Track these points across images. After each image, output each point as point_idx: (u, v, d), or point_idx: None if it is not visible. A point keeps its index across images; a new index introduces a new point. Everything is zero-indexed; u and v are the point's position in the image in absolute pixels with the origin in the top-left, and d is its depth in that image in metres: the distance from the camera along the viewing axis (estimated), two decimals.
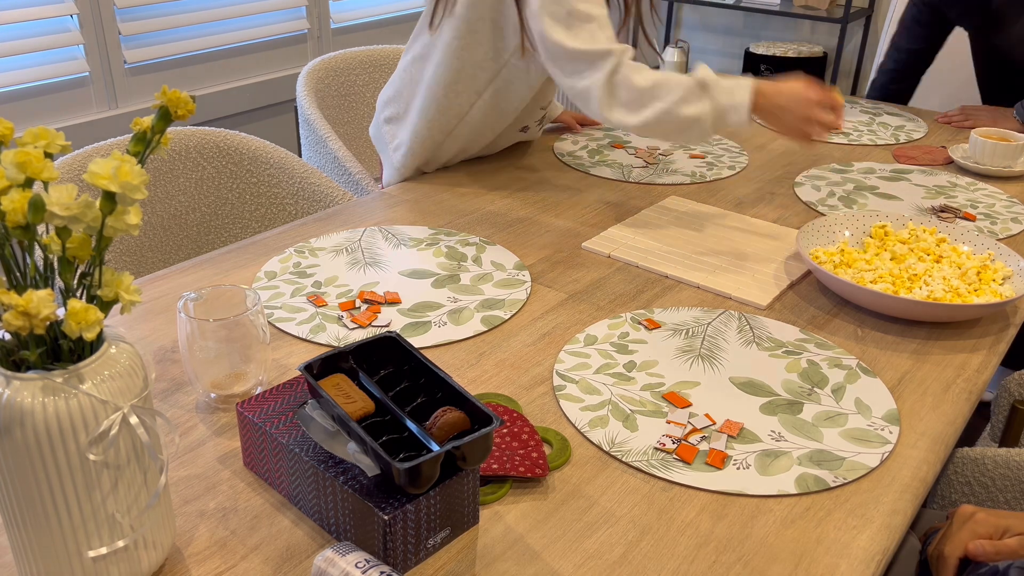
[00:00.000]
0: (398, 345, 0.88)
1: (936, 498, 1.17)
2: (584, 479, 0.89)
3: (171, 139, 1.57)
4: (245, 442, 0.88)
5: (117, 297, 0.68)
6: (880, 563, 0.80)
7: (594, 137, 1.89)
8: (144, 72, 2.52)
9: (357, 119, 2.16)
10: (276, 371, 1.05)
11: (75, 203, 0.63)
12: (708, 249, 1.38)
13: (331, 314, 1.17)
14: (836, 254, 1.31)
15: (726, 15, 3.91)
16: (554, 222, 1.48)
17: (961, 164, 1.76)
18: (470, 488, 0.80)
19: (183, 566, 0.77)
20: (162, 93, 0.72)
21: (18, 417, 0.64)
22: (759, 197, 1.61)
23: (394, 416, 0.81)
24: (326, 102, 2.03)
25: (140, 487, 0.71)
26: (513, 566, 0.78)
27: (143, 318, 1.16)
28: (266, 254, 1.34)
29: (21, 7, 2.21)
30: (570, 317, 1.18)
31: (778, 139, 1.92)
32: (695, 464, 0.91)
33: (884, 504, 0.87)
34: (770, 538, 0.82)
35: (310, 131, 1.91)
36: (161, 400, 0.99)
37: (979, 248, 1.32)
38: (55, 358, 0.67)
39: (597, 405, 1.00)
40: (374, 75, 2.16)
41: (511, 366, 1.07)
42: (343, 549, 0.72)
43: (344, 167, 1.83)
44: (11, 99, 2.26)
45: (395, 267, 1.30)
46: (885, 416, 0.99)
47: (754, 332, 1.15)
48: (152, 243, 1.61)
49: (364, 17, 3.10)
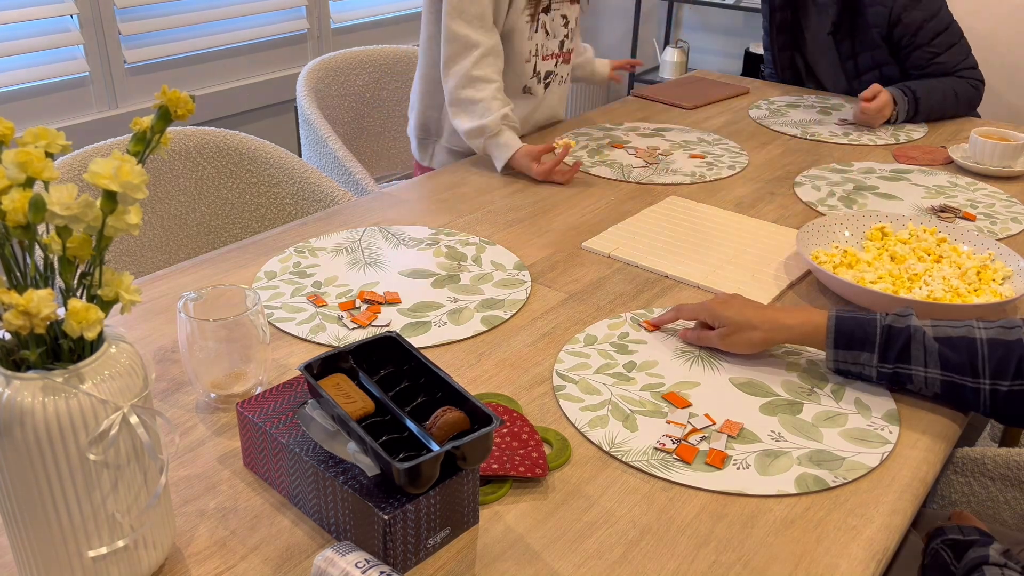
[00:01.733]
0: (398, 345, 0.88)
1: (936, 498, 1.17)
2: (584, 479, 0.89)
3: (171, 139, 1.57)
4: (245, 442, 0.88)
5: (117, 297, 0.68)
6: (880, 563, 0.80)
7: (594, 137, 1.89)
8: (144, 72, 2.52)
9: (357, 119, 2.16)
10: (276, 371, 1.05)
11: (75, 203, 0.63)
12: (708, 249, 1.38)
13: (331, 314, 1.17)
14: (836, 255, 1.31)
15: (726, 15, 3.91)
16: (554, 222, 1.48)
17: (961, 164, 1.76)
18: (470, 488, 0.80)
19: (183, 566, 0.77)
20: (162, 93, 0.72)
21: (18, 417, 0.64)
22: (759, 197, 1.61)
23: (394, 416, 0.81)
24: (326, 102, 2.03)
25: (140, 487, 0.71)
26: (513, 566, 0.78)
27: (143, 318, 1.16)
28: (266, 254, 1.34)
29: (21, 7, 2.21)
30: (570, 317, 1.18)
31: (778, 139, 1.93)
32: (695, 464, 0.91)
33: (884, 504, 0.87)
34: (770, 538, 0.82)
35: (310, 131, 1.91)
36: (161, 400, 0.99)
37: (979, 248, 1.32)
38: (55, 358, 0.67)
39: (597, 405, 1.00)
40: (374, 75, 2.16)
41: (511, 366, 1.07)
42: (343, 549, 0.72)
43: (344, 167, 1.83)
44: (11, 99, 2.26)
45: (395, 267, 1.30)
46: (885, 416, 0.99)
47: None
48: (152, 243, 1.61)
49: (364, 17, 3.10)
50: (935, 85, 2.05)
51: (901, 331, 0.98)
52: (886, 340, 0.99)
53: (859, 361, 1.01)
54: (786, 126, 2.01)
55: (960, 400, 0.98)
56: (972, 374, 0.96)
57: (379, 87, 2.18)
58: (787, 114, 2.10)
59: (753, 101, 2.21)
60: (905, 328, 0.98)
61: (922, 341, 0.97)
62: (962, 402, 0.98)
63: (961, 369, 0.96)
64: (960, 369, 0.96)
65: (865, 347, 1.00)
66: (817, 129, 2.00)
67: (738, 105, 2.18)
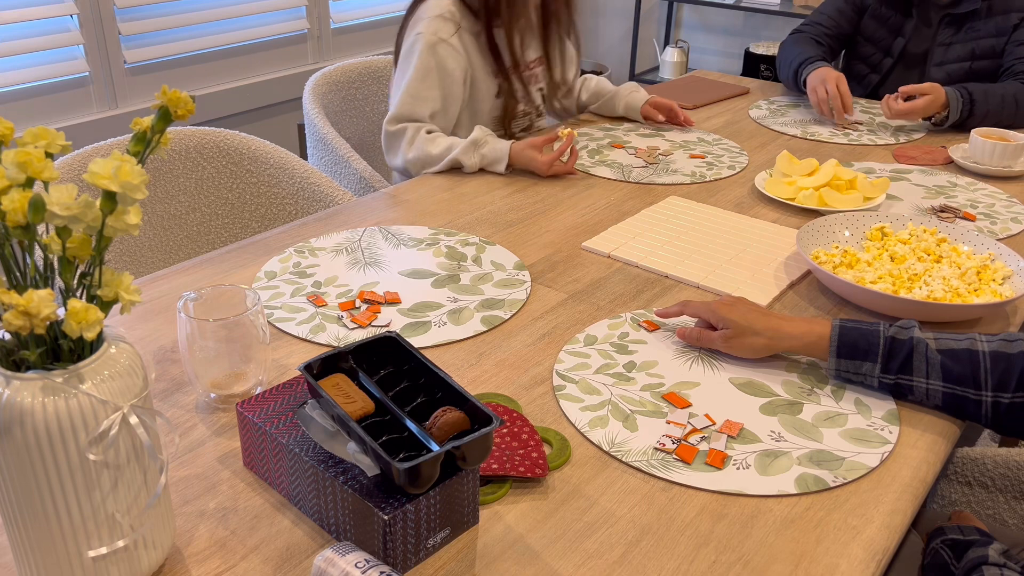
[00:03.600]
0: (398, 345, 0.88)
1: (936, 498, 1.17)
2: (584, 479, 0.89)
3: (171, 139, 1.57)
4: (245, 442, 0.88)
5: (117, 297, 0.68)
6: (880, 563, 0.80)
7: (594, 137, 1.89)
8: (144, 72, 2.52)
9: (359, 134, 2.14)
10: (276, 371, 1.05)
11: (75, 203, 0.63)
12: (708, 249, 1.38)
13: (331, 314, 1.17)
14: (836, 255, 1.31)
15: (726, 15, 3.91)
16: (554, 222, 1.48)
17: (961, 164, 1.76)
18: (470, 488, 0.80)
19: (183, 566, 0.77)
20: (162, 93, 0.72)
21: (18, 417, 0.64)
22: (759, 197, 1.61)
23: (394, 416, 0.81)
24: (329, 109, 2.03)
25: (140, 487, 0.71)
26: (513, 566, 0.78)
27: (143, 318, 1.16)
28: (266, 254, 1.34)
29: (21, 7, 2.21)
30: (570, 317, 1.18)
31: (778, 139, 1.93)
32: (695, 464, 0.91)
33: (884, 504, 0.87)
34: (770, 538, 0.82)
35: (316, 135, 1.90)
36: (161, 400, 0.99)
37: (979, 248, 1.32)
38: (55, 358, 0.67)
39: (597, 405, 1.00)
40: (372, 88, 2.14)
41: (511, 366, 1.07)
42: (343, 549, 0.72)
43: (352, 167, 1.83)
44: (11, 99, 2.26)
45: (395, 267, 1.30)
46: (885, 416, 0.99)
47: None
48: (152, 243, 1.61)
49: (364, 17, 3.10)
50: (994, 89, 1.95)
51: (904, 343, 0.98)
52: (888, 351, 0.99)
53: (861, 371, 1.01)
54: (786, 126, 2.01)
55: (961, 411, 0.98)
56: (974, 386, 0.96)
57: (379, 98, 2.16)
58: (787, 114, 2.10)
59: (753, 101, 2.21)
60: (908, 340, 0.98)
61: (924, 353, 0.97)
62: (963, 413, 0.98)
63: (963, 381, 0.96)
64: (962, 381, 0.96)
65: (868, 357, 1.00)
66: (817, 129, 2.00)
67: (738, 105, 2.18)
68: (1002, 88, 1.95)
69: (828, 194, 1.54)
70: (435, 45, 1.68)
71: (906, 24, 2.15)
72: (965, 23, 2.06)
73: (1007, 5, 2.02)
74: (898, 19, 2.17)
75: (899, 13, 2.16)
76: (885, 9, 2.18)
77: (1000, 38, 2.03)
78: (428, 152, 1.67)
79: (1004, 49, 2.03)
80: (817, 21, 2.26)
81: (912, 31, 2.14)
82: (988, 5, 2.04)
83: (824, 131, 1.98)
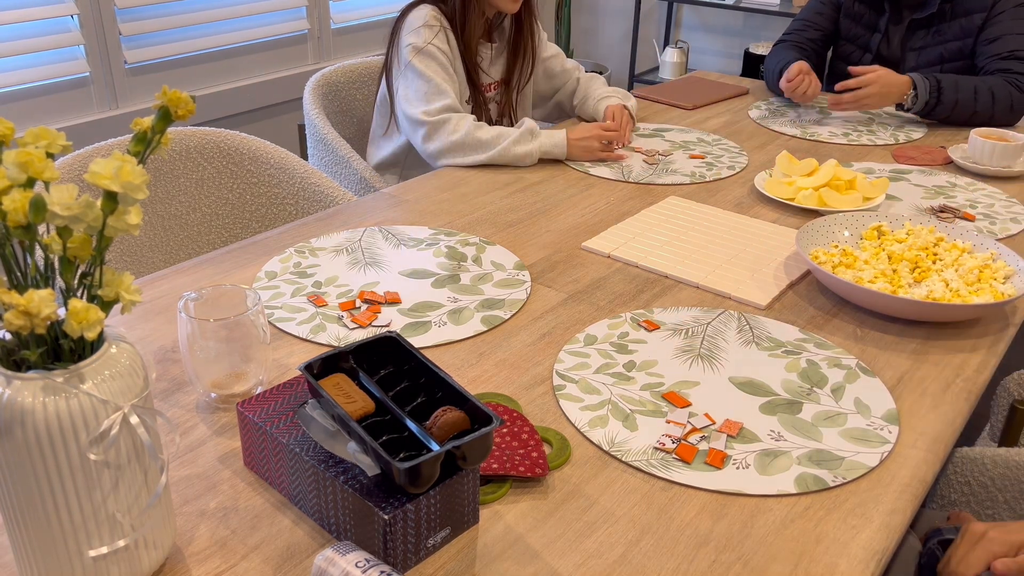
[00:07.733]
0: (398, 345, 0.88)
1: (935, 498, 1.17)
2: (584, 479, 0.89)
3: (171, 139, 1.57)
4: (245, 442, 0.88)
5: (118, 297, 0.68)
6: (879, 563, 0.80)
7: None
8: (144, 72, 2.53)
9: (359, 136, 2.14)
10: (276, 371, 1.05)
11: (76, 203, 0.63)
12: (707, 249, 1.38)
13: (331, 314, 1.17)
14: (836, 255, 1.31)
15: (726, 15, 3.91)
16: (554, 222, 1.48)
17: (960, 164, 1.76)
18: (470, 488, 0.80)
19: (183, 566, 0.77)
20: (162, 93, 0.72)
21: (19, 417, 0.64)
22: (759, 197, 1.61)
23: (394, 416, 0.81)
24: (329, 110, 2.03)
25: (140, 487, 0.71)
26: (513, 566, 0.78)
27: (143, 318, 1.16)
28: (266, 254, 1.34)
29: (21, 7, 2.21)
30: (570, 317, 1.18)
31: (778, 139, 1.93)
32: (695, 464, 0.91)
33: (883, 504, 0.87)
34: (770, 538, 0.82)
35: (324, 149, 1.90)
36: (161, 400, 1.00)
37: (979, 248, 1.32)
38: (56, 358, 0.67)
39: (597, 405, 1.00)
40: (373, 88, 2.14)
41: (511, 366, 1.07)
42: (343, 548, 0.72)
43: (353, 167, 1.83)
44: (11, 99, 2.26)
45: (395, 267, 1.30)
46: (884, 416, 0.99)
47: (754, 332, 1.15)
48: (152, 243, 1.61)
49: (364, 17, 3.10)
50: (968, 80, 1.95)
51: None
52: None
53: None
54: (786, 126, 2.01)
55: None
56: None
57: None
58: (787, 114, 2.10)
59: (753, 101, 2.21)
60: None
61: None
62: None
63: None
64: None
65: None
66: (817, 129, 2.00)
67: (738, 105, 2.18)
68: (978, 80, 1.96)
69: (827, 194, 1.54)
70: (425, 47, 1.75)
71: (880, 20, 2.17)
72: (931, 26, 2.09)
73: (967, 7, 2.05)
74: (872, 16, 2.19)
75: (872, 10, 2.19)
76: (858, 6, 2.20)
77: (967, 39, 2.05)
78: (477, 137, 1.71)
79: (974, 50, 2.05)
80: (797, 28, 2.29)
81: (887, 26, 2.16)
82: (950, 8, 2.06)
83: (824, 131, 1.99)
